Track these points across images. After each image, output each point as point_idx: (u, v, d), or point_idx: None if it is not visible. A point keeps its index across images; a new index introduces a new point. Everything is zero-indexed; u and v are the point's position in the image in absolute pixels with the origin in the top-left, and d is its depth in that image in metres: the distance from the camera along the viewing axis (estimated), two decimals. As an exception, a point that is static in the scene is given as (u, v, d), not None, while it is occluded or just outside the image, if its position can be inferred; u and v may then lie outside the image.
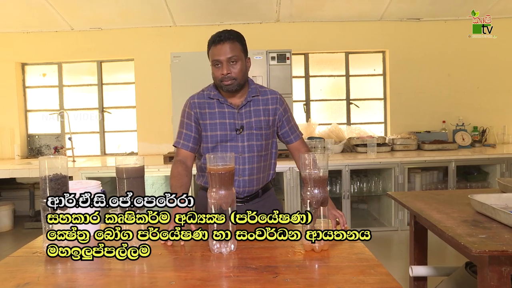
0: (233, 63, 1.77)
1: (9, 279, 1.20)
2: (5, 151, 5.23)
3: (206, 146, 1.89)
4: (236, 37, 1.80)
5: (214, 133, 1.86)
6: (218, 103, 1.88)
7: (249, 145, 1.86)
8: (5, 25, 5.03)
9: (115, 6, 4.67)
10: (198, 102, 1.89)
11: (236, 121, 1.86)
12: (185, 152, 1.88)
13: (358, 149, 4.72)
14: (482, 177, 4.64)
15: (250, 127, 1.87)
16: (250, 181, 1.88)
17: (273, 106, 1.92)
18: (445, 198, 2.05)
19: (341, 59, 5.38)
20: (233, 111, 1.87)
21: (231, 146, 1.86)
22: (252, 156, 1.87)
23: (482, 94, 5.27)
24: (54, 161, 1.38)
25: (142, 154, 5.17)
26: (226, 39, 1.76)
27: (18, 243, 4.35)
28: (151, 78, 5.13)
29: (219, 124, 1.86)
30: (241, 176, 1.87)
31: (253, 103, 1.90)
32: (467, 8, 4.78)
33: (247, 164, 1.86)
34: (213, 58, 1.78)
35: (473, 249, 1.28)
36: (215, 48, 1.77)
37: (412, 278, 2.14)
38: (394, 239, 4.21)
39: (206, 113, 1.87)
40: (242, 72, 1.81)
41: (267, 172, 1.97)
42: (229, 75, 1.77)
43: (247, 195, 1.91)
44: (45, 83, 5.40)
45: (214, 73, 1.81)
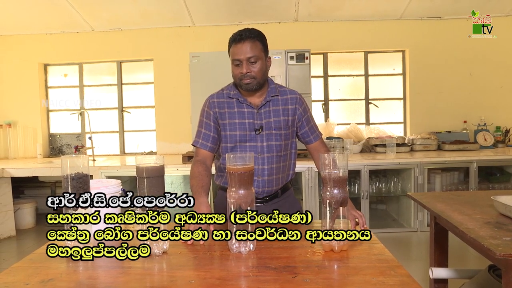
0: (253, 63, 1.77)
1: (34, 274, 1.23)
2: (28, 150, 5.34)
3: (225, 146, 1.89)
4: (257, 36, 1.79)
5: (233, 133, 1.86)
6: (237, 102, 1.87)
7: (268, 145, 1.86)
8: (28, 27, 5.14)
9: (135, 7, 4.72)
10: (218, 102, 1.89)
11: (256, 121, 1.85)
12: (204, 152, 1.88)
13: (377, 149, 4.67)
14: (505, 178, 4.54)
15: (269, 127, 1.86)
16: (269, 182, 1.88)
17: (292, 106, 1.91)
18: (467, 199, 2.02)
19: (360, 58, 5.33)
20: (253, 111, 1.86)
21: (250, 146, 1.85)
22: (271, 157, 1.86)
23: (506, 93, 5.16)
24: (76, 160, 1.40)
25: (161, 153, 5.21)
26: (247, 38, 1.75)
27: (41, 240, 4.44)
28: (170, 78, 5.17)
29: (238, 124, 1.85)
30: (260, 176, 1.86)
31: (272, 103, 1.89)
32: (490, 5, 4.70)
33: (266, 164, 1.86)
34: (233, 57, 1.78)
35: (497, 252, 1.26)
36: (236, 47, 1.76)
37: (433, 280, 2.10)
38: (414, 240, 4.15)
39: (225, 113, 1.87)
40: (262, 71, 1.80)
41: (286, 172, 1.96)
42: (248, 73, 1.76)
43: (266, 195, 1.90)
44: (66, 83, 5.49)
45: (233, 71, 1.81)
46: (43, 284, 1.16)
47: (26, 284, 1.16)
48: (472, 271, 2.02)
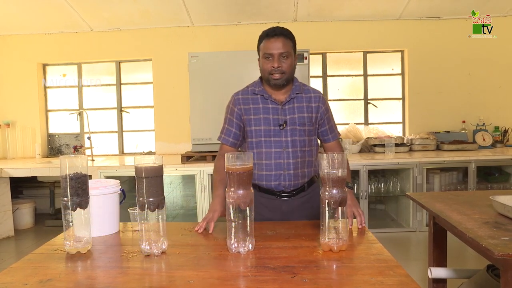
0: (284, 58, 1.83)
1: (32, 275, 1.23)
2: (27, 150, 5.33)
3: (250, 141, 1.94)
4: (289, 34, 1.87)
5: (258, 128, 1.90)
6: (262, 98, 1.93)
7: (293, 140, 1.90)
8: (27, 27, 5.13)
9: (134, 7, 4.71)
10: (242, 98, 1.95)
11: (280, 117, 1.90)
12: (226, 147, 1.97)
13: (376, 149, 4.68)
14: (503, 178, 4.55)
15: (293, 123, 1.90)
16: (295, 175, 1.91)
17: (315, 104, 1.96)
18: (465, 199, 2.02)
19: (359, 58, 5.34)
20: (277, 107, 1.91)
21: (275, 141, 1.90)
22: (296, 151, 1.90)
23: (505, 93, 5.16)
24: (74, 160, 1.40)
25: (159, 153, 5.21)
26: (280, 34, 1.83)
27: (39, 240, 4.44)
28: (169, 78, 5.17)
29: (263, 119, 1.90)
30: (286, 170, 1.90)
31: (296, 100, 1.94)
32: (489, 5, 4.70)
33: (291, 158, 1.90)
34: (265, 51, 1.84)
35: (496, 252, 1.26)
36: (269, 41, 1.83)
37: (431, 280, 2.11)
38: (412, 240, 4.16)
39: (250, 109, 1.93)
40: (291, 68, 1.88)
41: (312, 168, 2.00)
42: (279, 68, 1.82)
43: (293, 188, 1.93)
44: (65, 83, 5.48)
45: (263, 65, 1.87)
46: (41, 284, 1.16)
47: (25, 284, 1.16)
48: (471, 271, 2.02)
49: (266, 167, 1.90)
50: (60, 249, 1.46)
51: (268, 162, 1.90)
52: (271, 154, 1.89)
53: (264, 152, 1.90)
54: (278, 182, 1.90)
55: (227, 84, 4.20)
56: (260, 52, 1.88)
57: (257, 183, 1.93)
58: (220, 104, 4.19)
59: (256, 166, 1.91)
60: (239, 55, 4.24)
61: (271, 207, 1.93)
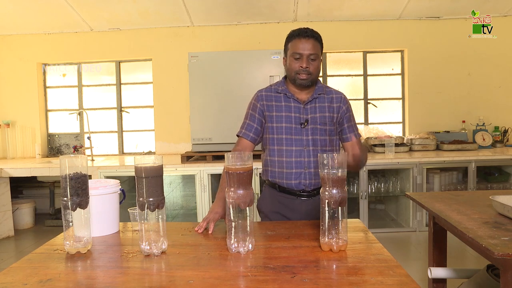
0: (312, 60, 1.86)
1: (32, 274, 1.23)
2: (27, 150, 5.33)
3: (271, 137, 1.94)
4: (319, 37, 1.91)
5: (280, 125, 1.92)
6: (285, 97, 1.95)
7: (314, 139, 1.91)
8: (27, 26, 5.13)
9: (134, 7, 4.71)
10: (266, 95, 1.97)
11: (301, 115, 1.92)
12: (245, 142, 1.95)
13: (376, 149, 4.68)
14: (503, 178, 4.55)
15: (314, 122, 1.92)
16: (316, 174, 1.92)
17: (337, 104, 2.00)
18: (465, 199, 2.02)
19: (359, 58, 5.34)
20: (299, 106, 1.93)
21: (296, 139, 1.91)
22: (316, 150, 1.91)
23: (504, 93, 5.16)
24: (74, 160, 1.40)
25: (159, 153, 5.21)
26: (311, 36, 1.86)
27: (39, 240, 4.44)
28: (169, 78, 5.17)
29: (285, 117, 1.92)
30: (307, 168, 1.91)
31: (318, 100, 1.96)
32: (489, 5, 4.70)
33: (312, 157, 1.91)
34: (295, 50, 1.86)
35: (496, 252, 1.26)
36: (299, 41, 1.85)
37: (431, 280, 2.11)
38: (412, 240, 4.16)
39: (272, 106, 1.94)
40: (317, 70, 1.91)
41: None
42: (307, 69, 1.85)
43: (314, 187, 1.94)
44: (65, 83, 5.48)
45: (291, 64, 1.89)
46: (41, 284, 1.16)
47: (25, 284, 1.16)
48: (471, 270, 2.02)
49: (286, 165, 1.91)
50: (60, 249, 1.46)
51: (288, 160, 1.90)
52: (292, 152, 1.90)
53: (285, 149, 1.91)
54: (298, 180, 1.90)
55: (227, 84, 4.21)
56: (289, 51, 1.90)
57: (277, 181, 1.94)
58: (220, 104, 4.23)
59: (276, 163, 1.93)
60: (239, 55, 4.24)
61: (292, 207, 1.93)
